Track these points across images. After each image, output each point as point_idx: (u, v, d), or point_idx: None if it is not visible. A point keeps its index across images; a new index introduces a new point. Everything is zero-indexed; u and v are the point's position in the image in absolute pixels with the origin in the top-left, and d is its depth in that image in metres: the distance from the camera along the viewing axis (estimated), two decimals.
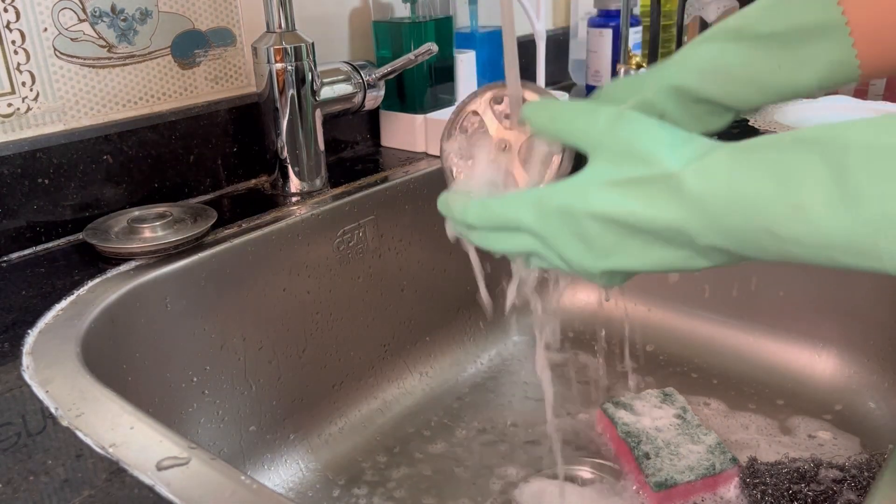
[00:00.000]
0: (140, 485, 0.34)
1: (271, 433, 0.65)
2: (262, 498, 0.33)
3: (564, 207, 0.36)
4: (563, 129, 0.38)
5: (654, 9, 0.90)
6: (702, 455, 0.63)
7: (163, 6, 0.65)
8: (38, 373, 0.43)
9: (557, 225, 0.36)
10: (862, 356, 0.75)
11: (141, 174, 0.65)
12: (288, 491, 0.64)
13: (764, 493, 0.61)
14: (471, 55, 0.82)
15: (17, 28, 0.57)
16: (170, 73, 0.67)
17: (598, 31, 1.03)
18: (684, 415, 0.68)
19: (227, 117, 0.71)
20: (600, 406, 0.70)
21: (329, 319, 0.69)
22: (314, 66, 0.67)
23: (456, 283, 0.82)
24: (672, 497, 0.60)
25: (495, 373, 0.81)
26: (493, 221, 0.39)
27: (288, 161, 0.68)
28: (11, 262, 0.58)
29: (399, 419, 0.74)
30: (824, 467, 0.63)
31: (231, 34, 0.71)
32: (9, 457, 0.36)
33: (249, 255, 0.61)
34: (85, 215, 0.62)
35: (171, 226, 0.58)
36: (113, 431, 0.38)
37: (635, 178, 0.34)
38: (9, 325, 0.48)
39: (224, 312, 0.60)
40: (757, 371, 0.78)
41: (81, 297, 0.52)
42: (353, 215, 0.69)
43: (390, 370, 0.76)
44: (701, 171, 0.32)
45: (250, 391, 0.63)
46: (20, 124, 0.59)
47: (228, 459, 0.61)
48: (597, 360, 0.83)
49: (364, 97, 0.74)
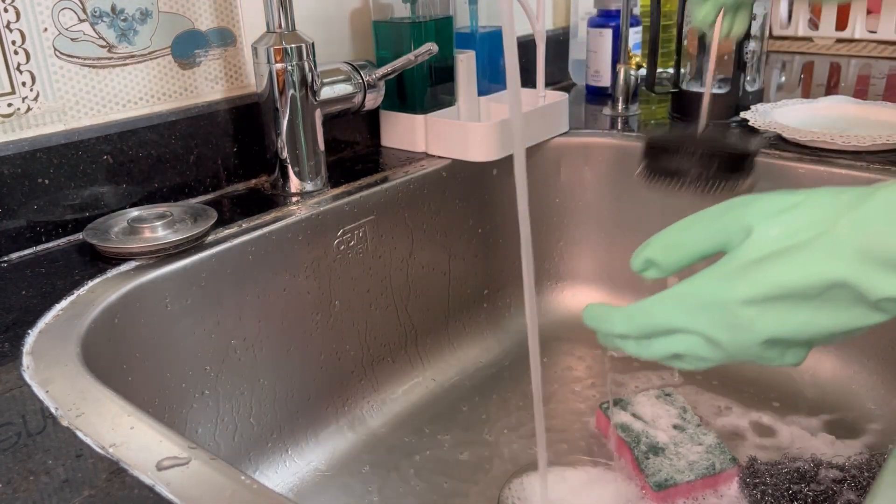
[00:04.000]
0: (140, 485, 0.34)
1: (271, 433, 0.65)
2: (262, 498, 0.33)
3: (711, 299, 0.35)
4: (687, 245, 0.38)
5: (654, 9, 0.90)
6: (702, 455, 0.63)
7: (163, 6, 0.66)
8: (39, 373, 0.43)
9: (709, 320, 0.35)
10: (862, 356, 0.75)
11: (141, 174, 0.65)
12: (288, 491, 0.65)
13: (764, 493, 0.61)
14: (471, 55, 0.82)
15: (17, 28, 0.57)
16: (170, 73, 0.67)
17: (598, 31, 1.03)
18: (684, 415, 0.68)
19: (227, 117, 0.71)
20: (600, 406, 0.70)
21: (329, 319, 0.69)
22: (314, 66, 0.67)
23: (456, 283, 0.82)
24: (672, 497, 0.61)
25: (496, 373, 0.81)
26: (641, 329, 0.38)
27: (288, 161, 0.68)
28: (12, 262, 0.58)
29: (399, 419, 0.74)
30: (824, 467, 0.63)
31: (231, 34, 0.71)
32: (9, 457, 0.36)
33: (249, 255, 0.61)
34: (85, 215, 0.62)
35: (172, 226, 0.58)
36: (113, 431, 0.38)
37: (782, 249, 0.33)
38: (9, 325, 0.48)
39: (224, 312, 0.60)
40: (757, 371, 0.78)
41: (81, 297, 0.52)
42: (353, 215, 0.69)
43: (390, 370, 0.76)
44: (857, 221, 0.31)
45: (250, 391, 0.63)
46: (20, 124, 0.59)
47: (228, 459, 0.61)
48: (596, 359, 0.83)
49: (364, 97, 0.74)
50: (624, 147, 0.86)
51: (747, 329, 0.34)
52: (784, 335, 0.34)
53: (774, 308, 0.33)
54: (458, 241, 0.81)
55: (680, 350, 0.37)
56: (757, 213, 0.35)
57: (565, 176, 0.88)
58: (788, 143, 0.78)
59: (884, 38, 1.25)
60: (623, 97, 0.96)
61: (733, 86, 0.86)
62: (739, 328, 0.34)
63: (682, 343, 0.37)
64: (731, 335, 0.35)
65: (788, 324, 0.33)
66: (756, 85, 0.88)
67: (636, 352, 0.40)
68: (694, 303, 0.36)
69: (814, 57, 1.24)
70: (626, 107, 0.96)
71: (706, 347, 0.36)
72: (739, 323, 0.34)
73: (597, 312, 0.41)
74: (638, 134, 0.86)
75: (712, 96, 0.88)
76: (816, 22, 1.30)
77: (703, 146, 0.63)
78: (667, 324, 0.37)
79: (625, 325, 0.39)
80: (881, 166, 0.71)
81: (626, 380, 0.78)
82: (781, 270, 0.33)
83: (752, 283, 0.33)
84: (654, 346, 0.38)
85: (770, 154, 0.76)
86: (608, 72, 1.04)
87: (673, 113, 0.93)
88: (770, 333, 0.34)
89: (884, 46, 1.24)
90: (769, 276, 0.33)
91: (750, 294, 0.33)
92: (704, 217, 0.37)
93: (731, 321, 0.34)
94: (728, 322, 0.35)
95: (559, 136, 0.87)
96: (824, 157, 0.74)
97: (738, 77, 0.86)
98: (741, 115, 0.85)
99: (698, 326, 0.36)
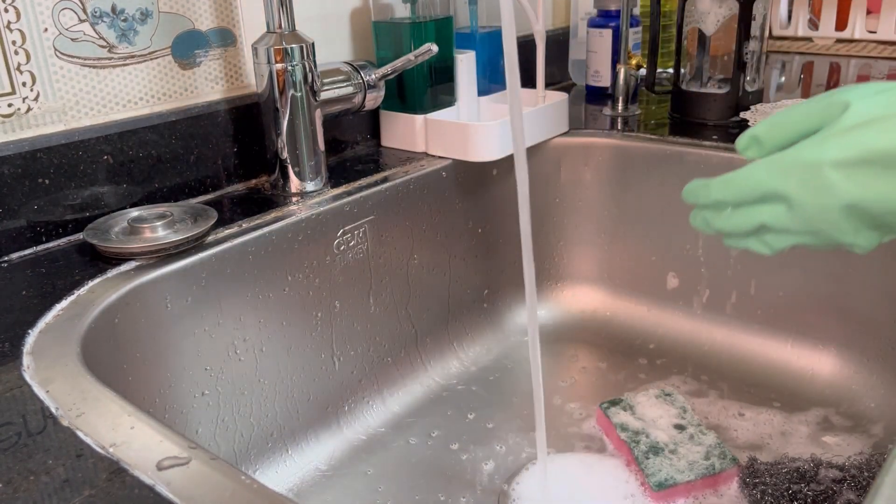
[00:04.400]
0: (140, 485, 0.34)
1: (271, 433, 0.65)
2: (263, 498, 0.33)
3: (802, 160, 0.38)
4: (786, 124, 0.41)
5: (653, 9, 0.90)
6: (702, 455, 0.63)
7: (163, 6, 0.66)
8: (39, 373, 0.43)
9: (798, 180, 0.38)
10: (862, 356, 0.75)
11: (141, 174, 0.65)
12: (288, 491, 0.65)
13: (764, 493, 0.61)
14: (471, 55, 0.82)
15: (17, 28, 0.57)
16: (170, 73, 0.67)
17: (598, 32, 1.03)
18: (684, 415, 0.68)
19: (227, 117, 0.71)
20: (599, 406, 0.70)
21: (329, 319, 0.69)
22: (314, 67, 0.67)
23: (456, 283, 0.82)
24: (672, 496, 0.61)
25: (496, 372, 0.81)
26: (736, 190, 0.41)
27: (288, 161, 0.68)
28: (12, 262, 0.58)
29: (399, 418, 0.74)
30: (824, 467, 0.63)
31: (231, 34, 0.71)
32: (9, 457, 0.36)
33: (249, 255, 0.61)
34: (85, 215, 0.62)
35: (172, 226, 0.59)
36: (113, 431, 0.38)
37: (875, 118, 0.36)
38: (9, 325, 0.48)
39: (224, 312, 0.60)
40: (757, 371, 0.78)
41: (82, 297, 0.52)
42: (353, 215, 0.69)
43: (390, 370, 0.76)
44: None
45: (250, 391, 0.63)
46: (21, 124, 0.59)
47: (228, 459, 0.61)
48: (596, 359, 0.83)
49: (364, 97, 0.74)
50: (624, 147, 0.86)
51: (832, 191, 0.37)
52: (864, 201, 0.36)
53: (861, 172, 0.36)
54: (458, 241, 0.81)
55: (765, 219, 0.41)
56: (855, 94, 0.38)
57: (565, 176, 0.88)
58: None
59: (884, 38, 1.25)
60: (623, 97, 0.96)
61: (733, 86, 0.86)
62: (825, 190, 0.37)
63: (768, 212, 0.40)
64: (815, 197, 0.38)
65: (871, 190, 0.36)
66: (756, 85, 0.88)
67: (726, 225, 0.43)
68: (787, 163, 0.39)
69: (814, 57, 1.24)
70: (626, 107, 0.96)
71: (790, 216, 0.39)
72: (825, 184, 0.37)
73: (695, 185, 0.44)
74: (638, 134, 0.86)
75: (712, 96, 0.88)
76: (816, 22, 1.31)
77: None
78: (760, 184, 0.40)
79: (721, 189, 0.42)
80: None
81: (627, 380, 0.79)
82: (871, 135, 0.36)
83: (843, 146, 0.36)
84: (741, 216, 0.42)
85: None
86: (608, 72, 1.04)
87: (673, 113, 0.93)
88: (852, 198, 0.37)
89: (884, 46, 1.24)
90: (860, 140, 0.36)
91: (840, 156, 0.36)
92: (806, 101, 0.41)
93: (818, 182, 0.37)
94: (815, 184, 0.37)
95: (559, 136, 0.87)
96: None
97: (737, 77, 0.86)
98: (741, 116, 0.85)
99: (788, 187, 0.39)
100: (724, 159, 0.78)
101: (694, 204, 0.45)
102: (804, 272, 0.76)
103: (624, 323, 0.87)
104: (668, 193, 0.83)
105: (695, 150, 0.80)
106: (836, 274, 0.75)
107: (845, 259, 0.74)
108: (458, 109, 0.83)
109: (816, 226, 0.39)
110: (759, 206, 0.41)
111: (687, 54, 0.91)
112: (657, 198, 0.84)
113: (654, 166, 0.83)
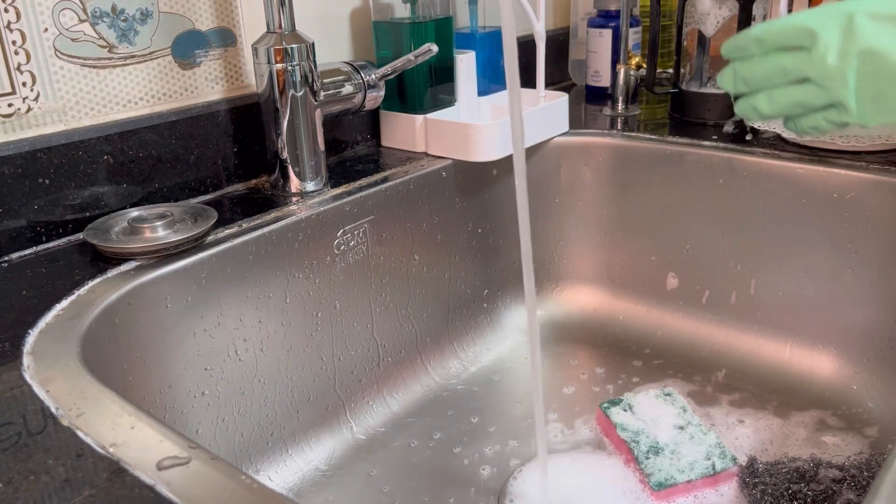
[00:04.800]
0: (140, 484, 0.34)
1: (271, 433, 0.65)
2: (262, 498, 0.34)
3: (840, 9, 0.43)
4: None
5: (653, 9, 0.90)
6: (702, 454, 0.63)
7: (163, 6, 0.66)
8: (39, 373, 0.43)
9: (834, 25, 0.43)
10: (862, 356, 0.75)
11: (141, 174, 0.65)
12: (288, 491, 0.65)
13: (763, 493, 0.61)
14: (471, 55, 0.82)
15: (17, 28, 0.57)
16: (170, 73, 0.67)
17: (597, 32, 1.03)
18: (684, 414, 0.68)
19: (227, 117, 0.71)
20: (599, 406, 0.70)
21: (329, 319, 0.69)
22: (314, 67, 0.67)
23: (456, 282, 0.82)
24: (672, 496, 0.61)
25: (496, 372, 0.81)
26: (774, 26, 0.45)
27: (288, 161, 0.68)
28: (12, 262, 0.58)
29: (399, 418, 0.74)
30: (824, 467, 0.63)
31: (231, 34, 0.71)
32: (9, 456, 0.37)
33: (249, 255, 0.61)
34: (85, 215, 0.62)
35: (172, 226, 0.59)
36: (113, 431, 0.38)
37: None
38: (9, 325, 0.48)
39: (224, 312, 0.60)
40: (757, 371, 0.78)
41: (82, 297, 0.52)
42: (353, 215, 0.69)
43: (390, 370, 0.76)
44: None
45: (251, 391, 0.63)
46: (21, 124, 0.59)
47: (228, 459, 0.61)
48: (596, 359, 0.83)
49: (364, 97, 0.74)
50: (624, 147, 0.86)
51: (857, 34, 0.42)
52: (881, 48, 0.42)
53: (888, 25, 0.42)
54: (458, 241, 0.81)
55: (800, 97, 0.46)
56: None
57: (565, 176, 0.88)
58: (788, 144, 0.78)
59: None
60: (623, 97, 0.96)
61: None
62: (851, 33, 0.42)
63: (802, 91, 0.45)
64: (840, 39, 0.43)
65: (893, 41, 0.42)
66: None
67: (765, 105, 0.47)
68: (827, 10, 0.44)
69: None
70: (625, 107, 0.96)
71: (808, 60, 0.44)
72: (854, 27, 0.42)
73: (733, 39, 0.48)
74: (638, 134, 0.86)
75: (712, 96, 0.88)
76: None
77: None
78: (798, 20, 0.44)
79: (762, 28, 0.46)
80: (881, 166, 0.71)
81: (626, 380, 0.79)
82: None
83: (880, 3, 0.42)
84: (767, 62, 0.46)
85: (769, 154, 0.76)
86: (608, 72, 1.04)
87: (672, 113, 0.93)
88: (871, 44, 0.42)
89: None
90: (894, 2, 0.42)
91: (874, 9, 0.42)
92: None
93: (848, 25, 0.43)
94: (845, 26, 0.43)
95: (559, 136, 0.87)
96: (824, 157, 0.74)
97: None
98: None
99: (821, 26, 0.43)
100: (724, 159, 0.78)
101: (731, 57, 0.48)
102: (804, 272, 0.77)
103: (624, 323, 0.87)
104: (668, 193, 0.83)
105: (695, 150, 0.80)
106: (836, 274, 0.75)
107: (845, 259, 0.74)
108: (458, 109, 0.83)
109: (829, 71, 0.43)
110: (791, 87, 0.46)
111: (687, 54, 0.91)
112: (657, 198, 0.84)
113: (653, 166, 0.83)
